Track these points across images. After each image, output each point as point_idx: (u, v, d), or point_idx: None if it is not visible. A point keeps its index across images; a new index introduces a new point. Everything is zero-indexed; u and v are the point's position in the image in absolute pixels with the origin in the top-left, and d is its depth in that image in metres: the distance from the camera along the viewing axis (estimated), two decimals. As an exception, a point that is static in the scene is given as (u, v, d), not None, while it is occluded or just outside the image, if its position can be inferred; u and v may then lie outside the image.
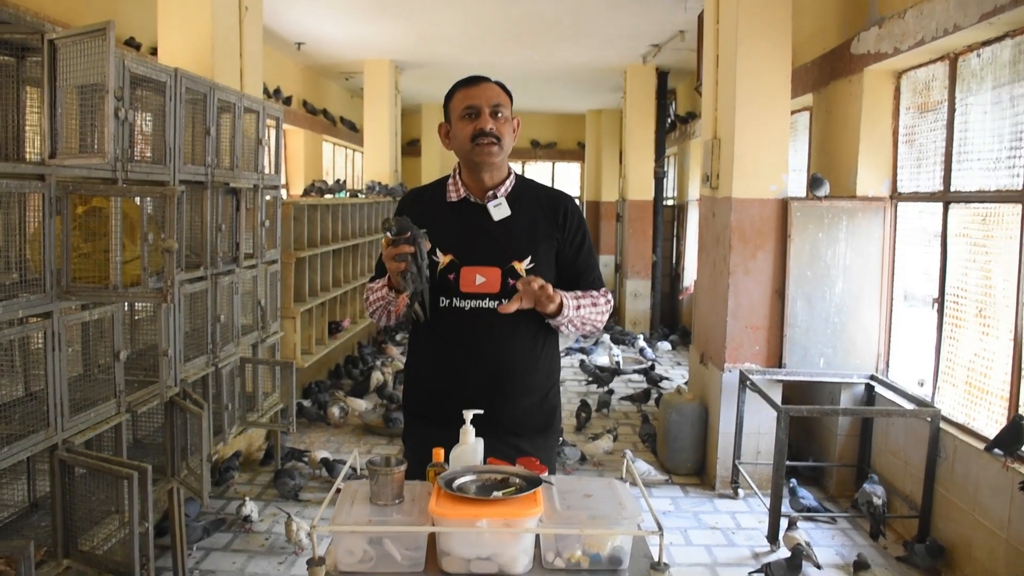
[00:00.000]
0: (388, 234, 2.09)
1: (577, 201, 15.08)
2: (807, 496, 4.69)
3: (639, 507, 1.82)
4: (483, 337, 2.29)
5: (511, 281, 2.26)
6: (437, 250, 2.28)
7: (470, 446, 2.00)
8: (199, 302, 4.19)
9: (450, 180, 2.40)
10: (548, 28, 8.82)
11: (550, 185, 2.57)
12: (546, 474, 1.91)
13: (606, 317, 2.39)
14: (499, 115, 2.29)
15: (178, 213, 3.69)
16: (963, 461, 4.00)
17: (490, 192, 2.33)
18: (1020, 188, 3.78)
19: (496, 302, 2.26)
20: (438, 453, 1.97)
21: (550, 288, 2.13)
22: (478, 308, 2.28)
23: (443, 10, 8.18)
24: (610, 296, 2.39)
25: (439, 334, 2.33)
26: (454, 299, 2.28)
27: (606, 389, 7.44)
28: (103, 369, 3.40)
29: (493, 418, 2.15)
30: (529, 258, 2.26)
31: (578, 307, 2.27)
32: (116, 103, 3.02)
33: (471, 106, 2.28)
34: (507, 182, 2.37)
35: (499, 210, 2.29)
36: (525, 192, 2.40)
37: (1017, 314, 3.75)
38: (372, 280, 2.42)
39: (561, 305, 2.21)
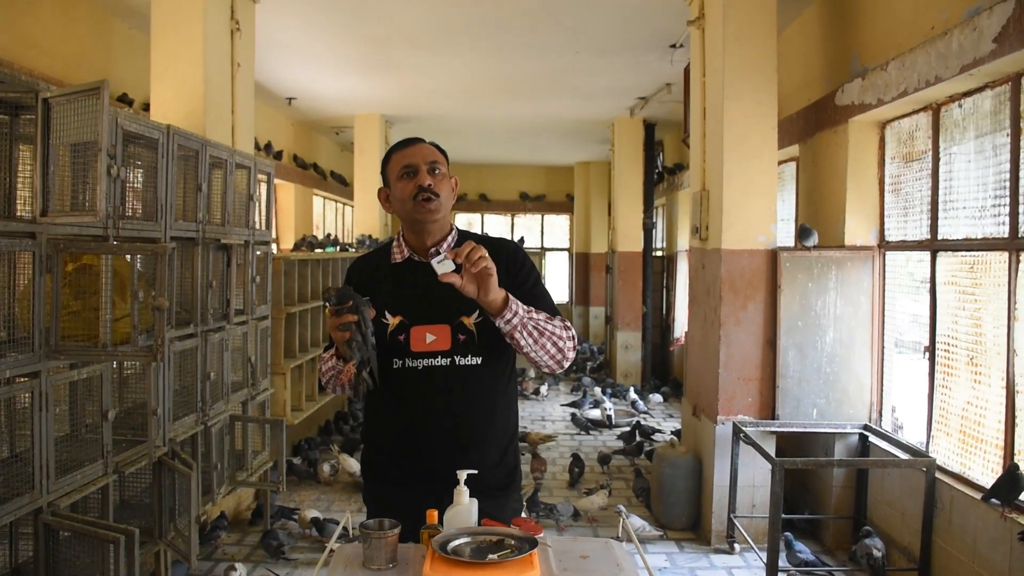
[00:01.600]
0: (328, 304, 2.08)
1: (561, 253, 15.06)
2: (804, 550, 4.63)
3: (636, 567, 1.79)
4: (438, 395, 2.27)
5: (461, 336, 2.25)
6: (386, 312, 2.27)
7: (464, 507, 1.97)
8: (189, 359, 4.15)
9: (394, 243, 2.42)
10: (536, 82, 8.95)
11: (493, 235, 2.58)
12: (542, 535, 1.87)
13: (570, 343, 2.28)
14: (436, 171, 2.31)
15: (169, 270, 3.68)
16: (960, 511, 3.96)
17: (432, 249, 2.31)
18: (1006, 236, 3.81)
19: (448, 359, 2.25)
20: (432, 515, 1.94)
21: (487, 257, 2.06)
22: (431, 366, 2.26)
23: (432, 65, 8.30)
24: (569, 325, 2.32)
25: (395, 395, 2.30)
26: (406, 359, 2.27)
27: (608, 449, 7.25)
28: (90, 429, 3.36)
29: (453, 476, 2.11)
30: (477, 311, 2.24)
31: (528, 310, 2.19)
32: (108, 161, 3.03)
33: (408, 165, 2.29)
34: (449, 237, 2.38)
35: (443, 266, 2.27)
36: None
37: (1008, 361, 3.75)
38: (325, 350, 2.41)
39: (508, 299, 2.14)
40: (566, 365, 2.30)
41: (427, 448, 2.27)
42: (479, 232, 2.52)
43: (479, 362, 2.28)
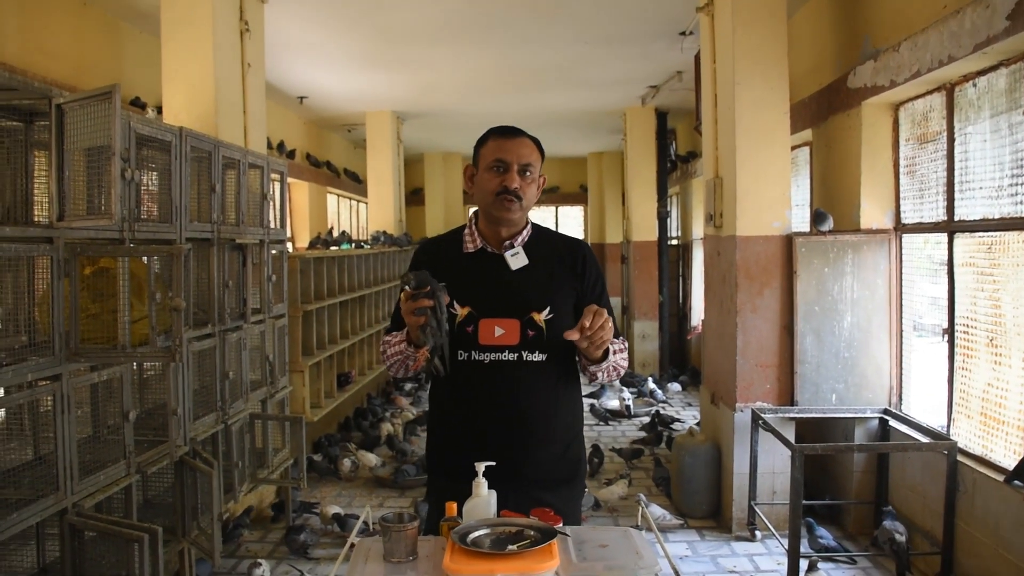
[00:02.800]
0: (407, 288, 2.07)
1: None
2: (825, 535, 4.62)
3: (656, 555, 1.79)
4: (503, 389, 2.26)
5: (530, 332, 2.24)
6: (455, 302, 2.26)
7: (483, 499, 1.98)
8: (207, 359, 4.18)
9: (466, 230, 2.40)
10: (546, 75, 8.93)
11: (566, 234, 2.57)
12: (562, 525, 1.88)
13: (624, 362, 2.36)
14: (527, 174, 2.29)
15: (185, 271, 3.70)
16: (983, 494, 3.94)
17: (507, 242, 2.31)
18: (1024, 216, 3.78)
19: (516, 354, 2.24)
20: (451, 507, 1.95)
21: (610, 323, 2.11)
22: (498, 360, 2.25)
23: (442, 61, 8.30)
24: (625, 344, 2.37)
25: (459, 388, 2.29)
26: (473, 352, 2.26)
27: (633, 445, 7.13)
28: (112, 430, 3.39)
29: (516, 471, 2.12)
30: (548, 308, 2.24)
31: (614, 352, 2.25)
32: (122, 164, 3.05)
33: (501, 160, 2.28)
34: (524, 232, 2.37)
35: (516, 259, 2.28)
36: (542, 241, 2.39)
37: (1029, 343, 3.72)
38: (388, 332, 2.39)
39: (608, 353, 2.20)
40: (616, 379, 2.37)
41: (490, 441, 2.26)
42: (552, 229, 2.50)
43: (545, 359, 2.27)
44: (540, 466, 2.15)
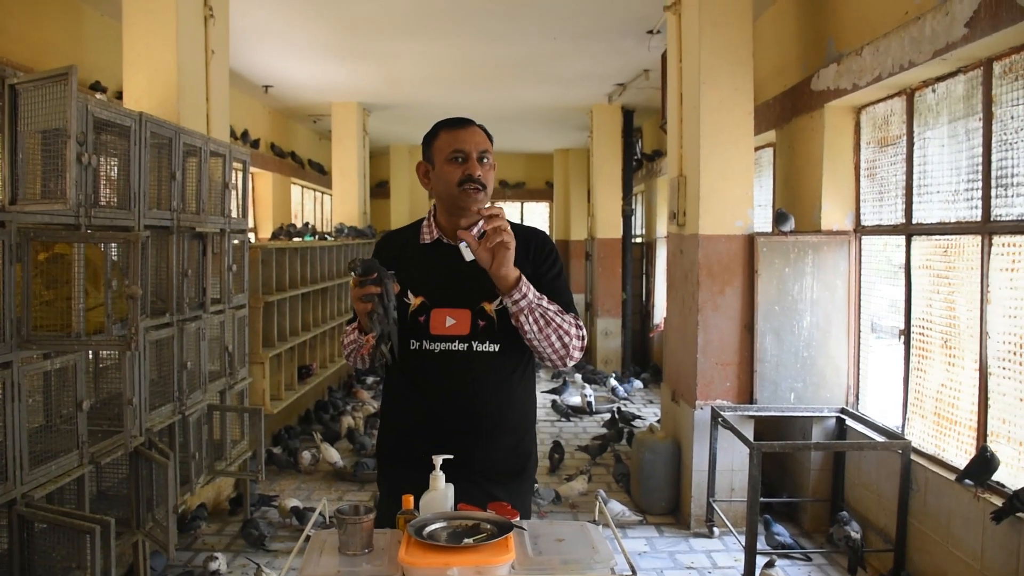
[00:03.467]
0: (354, 274, 2.08)
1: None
2: (782, 532, 4.68)
3: (612, 550, 1.80)
4: (454, 379, 2.25)
5: (480, 323, 2.24)
6: (408, 292, 2.26)
7: (440, 492, 1.97)
8: (165, 349, 4.12)
9: (424, 222, 2.40)
10: (514, 69, 8.92)
11: (524, 224, 2.56)
12: (518, 519, 1.88)
13: (576, 341, 2.28)
14: (485, 161, 2.29)
15: (143, 259, 3.64)
16: (935, 493, 4.01)
17: (462, 231, 2.31)
18: (979, 219, 3.85)
19: (466, 344, 2.24)
20: (408, 500, 1.94)
21: (508, 232, 2.09)
22: (448, 350, 2.25)
23: (409, 52, 8.25)
24: (582, 325, 2.32)
25: (410, 378, 2.30)
26: (424, 342, 2.26)
27: (593, 441, 7.10)
28: (65, 419, 3.33)
29: (467, 462, 2.11)
30: (499, 299, 2.23)
31: (540, 298, 2.19)
32: (79, 148, 2.99)
33: (460, 150, 2.27)
34: (480, 222, 2.36)
35: (469, 251, 2.28)
36: None
37: (981, 344, 3.79)
38: (349, 323, 2.40)
39: (520, 279, 2.15)
40: (569, 363, 2.30)
41: (441, 432, 2.25)
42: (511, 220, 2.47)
43: (496, 349, 2.26)
44: (490, 458, 2.14)
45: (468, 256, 2.14)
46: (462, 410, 2.26)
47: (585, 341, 2.34)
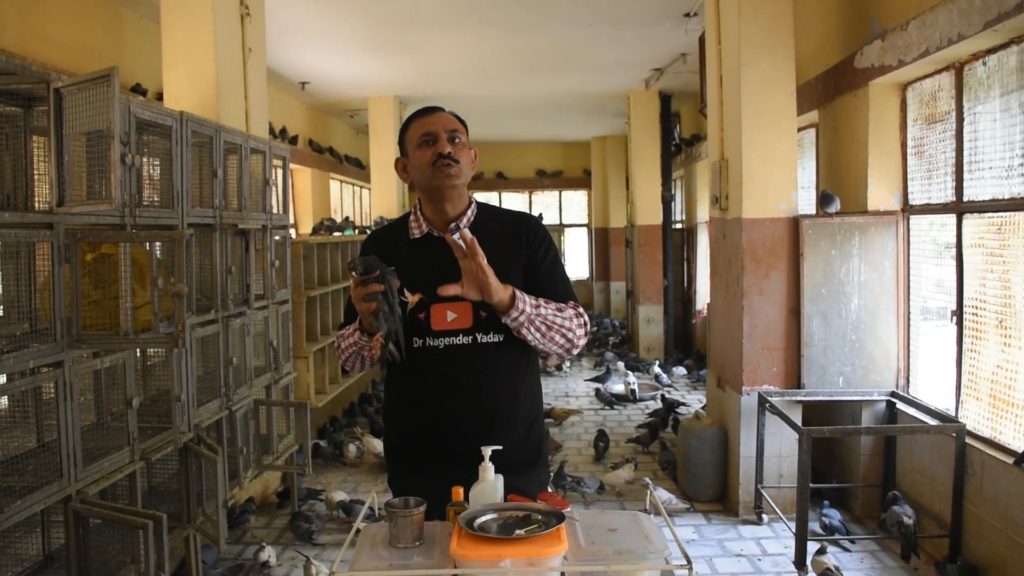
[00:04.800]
0: (354, 274, 2.04)
1: (579, 229, 15.05)
2: (832, 515, 4.59)
3: (665, 539, 1.77)
4: (461, 374, 2.22)
5: (482, 314, 2.20)
6: (405, 290, 2.21)
7: (489, 483, 1.96)
8: (211, 345, 4.17)
9: (411, 217, 2.36)
10: (549, 58, 8.86)
11: (515, 209, 2.53)
12: (569, 509, 1.85)
13: (581, 331, 2.26)
14: (456, 140, 2.26)
15: (187, 256, 3.68)
16: (992, 477, 3.91)
17: (452, 224, 2.27)
18: (1035, 196, 3.73)
19: (470, 337, 2.21)
20: (457, 492, 1.92)
21: (482, 259, 2.04)
22: (452, 345, 2.22)
23: (444, 45, 8.24)
24: (583, 311, 2.29)
25: (415, 376, 2.26)
26: (427, 339, 2.22)
27: (646, 429, 6.93)
28: (116, 417, 3.38)
29: (479, 456, 2.08)
30: None
31: (538, 305, 2.17)
32: (122, 149, 3.02)
33: (428, 133, 2.25)
34: (469, 211, 2.34)
35: (462, 241, 2.26)
36: (488, 219, 2.35)
37: (1039, 324, 3.69)
38: (341, 328, 2.34)
39: (514, 296, 2.12)
40: (575, 352, 2.28)
41: (451, 428, 2.24)
42: (498, 206, 2.47)
43: (501, 339, 2.23)
44: (504, 450, 2.11)
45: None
46: (472, 405, 2.24)
47: (588, 326, 2.31)
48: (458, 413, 2.24)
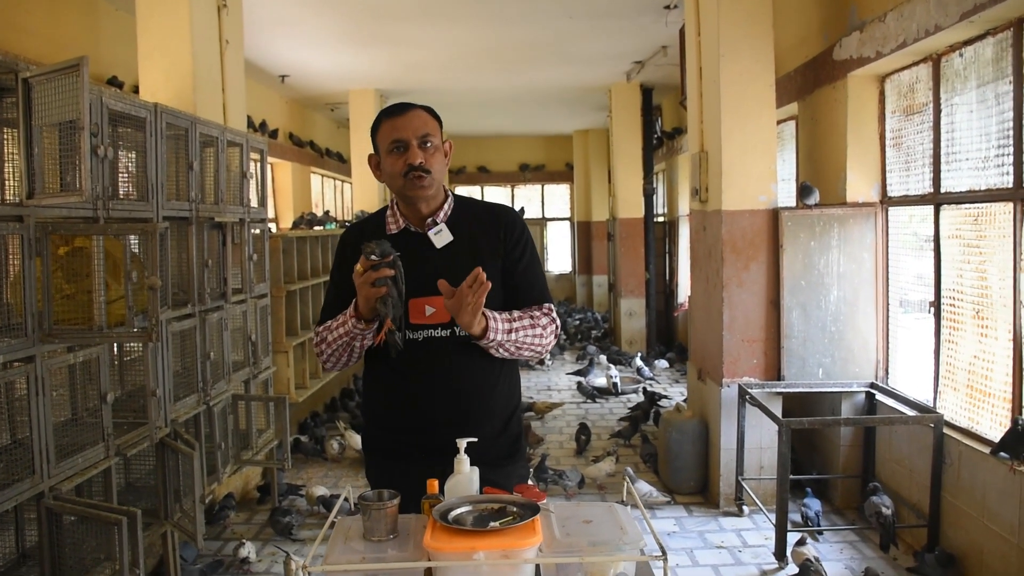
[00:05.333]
0: (372, 258, 2.01)
1: (562, 222, 15.03)
2: (812, 504, 4.60)
3: (640, 530, 1.76)
4: (438, 367, 2.23)
5: None
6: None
7: (465, 476, 1.94)
8: (188, 340, 4.12)
9: (388, 211, 2.35)
10: (530, 50, 8.84)
11: (492, 201, 2.52)
12: (544, 501, 1.84)
13: (551, 339, 2.29)
14: (428, 145, 2.22)
15: (163, 250, 3.64)
16: (969, 466, 3.94)
17: (429, 220, 2.27)
18: (1010, 186, 3.75)
19: (448, 331, 2.21)
20: (432, 484, 1.91)
21: (477, 307, 2.03)
22: (430, 338, 2.22)
23: (425, 38, 8.20)
24: (556, 316, 2.30)
25: (394, 368, 2.25)
26: (405, 332, 2.21)
27: (628, 422, 7.01)
28: (91, 412, 3.34)
29: (455, 448, 2.07)
30: None
31: (510, 330, 2.18)
32: (93, 140, 2.98)
33: (398, 140, 2.21)
34: (445, 206, 2.31)
35: (440, 237, 2.23)
36: (465, 213, 2.34)
37: (1015, 314, 3.71)
38: (321, 324, 2.31)
39: (487, 328, 2.12)
40: (545, 356, 2.29)
41: (429, 420, 2.24)
42: (475, 198, 2.44)
43: None
44: (481, 444, 2.09)
45: (439, 243, 2.09)
46: (448, 397, 2.24)
47: (559, 327, 2.33)
48: (435, 405, 2.24)
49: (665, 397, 7.87)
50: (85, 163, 2.63)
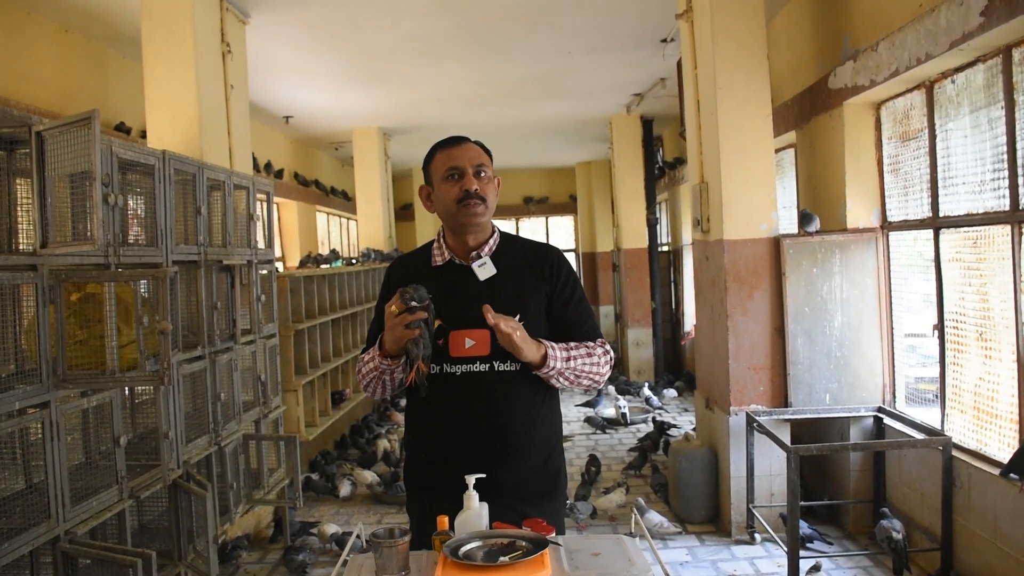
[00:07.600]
0: (412, 303, 2.05)
1: (567, 254, 15.18)
2: (802, 526, 4.54)
3: (648, 561, 1.79)
4: (478, 401, 2.23)
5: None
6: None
7: (474, 511, 1.97)
8: (199, 381, 4.17)
9: (435, 244, 2.39)
10: (530, 86, 8.96)
11: (536, 239, 2.56)
12: (553, 535, 1.87)
13: (607, 369, 2.31)
14: (482, 175, 2.28)
15: (172, 293, 3.70)
16: (979, 488, 3.94)
17: (474, 253, 2.31)
18: (1007, 209, 3.79)
19: (487, 365, 2.22)
20: (442, 521, 1.94)
21: (514, 335, 2.08)
22: (469, 372, 2.23)
23: (426, 76, 8.32)
24: (609, 348, 2.33)
25: (432, 402, 2.26)
26: (445, 365, 2.23)
27: (637, 453, 7.04)
28: (104, 455, 3.37)
29: (495, 484, 2.08)
30: (518, 316, 2.21)
31: (568, 358, 2.21)
32: (104, 189, 3.05)
33: (455, 167, 2.26)
34: (491, 240, 2.36)
35: (484, 270, 2.27)
36: (510, 249, 2.38)
37: (1018, 334, 3.73)
38: (364, 351, 2.36)
39: (546, 356, 2.16)
40: (601, 386, 2.31)
41: (467, 455, 2.23)
42: (520, 236, 2.48)
43: (518, 368, 2.23)
44: (519, 479, 2.10)
45: (482, 276, 2.13)
46: (488, 432, 2.24)
47: (613, 358, 2.35)
48: (475, 439, 2.24)
49: (674, 426, 7.86)
50: (97, 213, 2.69)
